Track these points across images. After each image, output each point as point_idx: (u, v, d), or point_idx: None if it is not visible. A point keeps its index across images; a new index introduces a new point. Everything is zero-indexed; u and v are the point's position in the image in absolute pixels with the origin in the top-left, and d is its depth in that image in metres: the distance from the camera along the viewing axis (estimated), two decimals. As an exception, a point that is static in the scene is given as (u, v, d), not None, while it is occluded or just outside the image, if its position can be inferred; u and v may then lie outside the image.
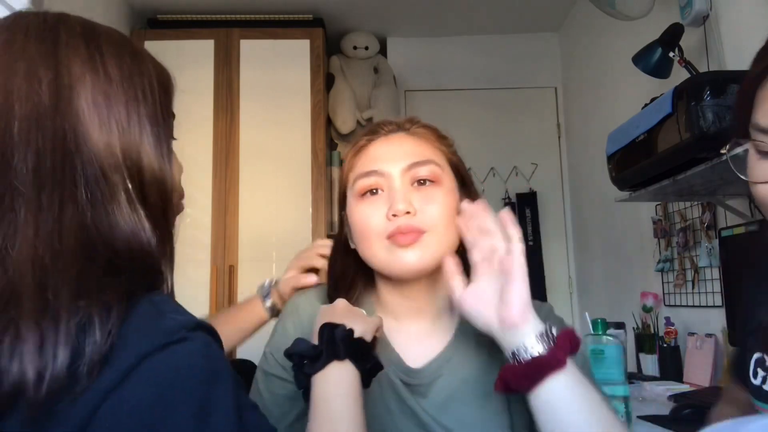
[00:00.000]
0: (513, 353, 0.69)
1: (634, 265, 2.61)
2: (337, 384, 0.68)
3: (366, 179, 0.81)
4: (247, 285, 2.89)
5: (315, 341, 0.72)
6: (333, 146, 3.28)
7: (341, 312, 0.76)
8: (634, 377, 2.08)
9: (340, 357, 0.69)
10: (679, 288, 2.23)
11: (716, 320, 1.97)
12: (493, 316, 0.71)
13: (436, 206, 0.79)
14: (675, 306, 2.27)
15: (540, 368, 0.67)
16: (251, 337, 1.14)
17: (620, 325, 2.13)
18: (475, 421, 0.79)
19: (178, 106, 0.69)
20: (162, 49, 3.54)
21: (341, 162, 3.22)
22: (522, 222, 3.34)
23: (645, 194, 1.85)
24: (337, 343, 0.70)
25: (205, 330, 0.54)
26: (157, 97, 0.62)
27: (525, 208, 3.35)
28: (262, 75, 3.07)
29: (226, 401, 0.50)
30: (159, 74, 0.65)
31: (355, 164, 0.85)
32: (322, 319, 0.75)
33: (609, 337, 1.41)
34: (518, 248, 0.71)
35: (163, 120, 0.62)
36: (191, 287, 2.89)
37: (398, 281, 0.83)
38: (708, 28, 1.95)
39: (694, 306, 2.15)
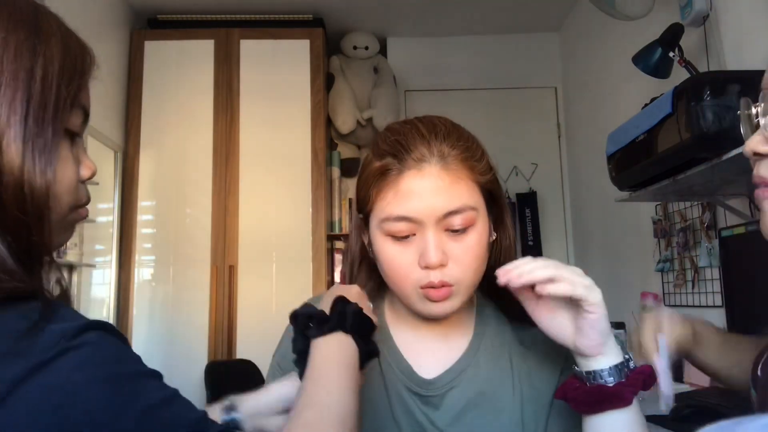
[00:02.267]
0: (584, 375, 0.68)
1: (634, 265, 2.61)
2: (337, 352, 0.68)
3: (396, 224, 0.74)
4: (247, 285, 2.89)
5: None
6: (333, 146, 3.28)
7: (355, 295, 0.75)
8: (634, 377, 2.08)
9: (346, 329, 0.69)
10: (679, 288, 2.23)
11: (716, 320, 1.97)
12: (569, 340, 0.69)
13: (469, 256, 0.75)
14: (675, 306, 2.27)
15: (603, 400, 0.66)
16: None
17: (620, 325, 2.13)
18: None
19: (178, 106, 0.66)
20: (162, 49, 3.56)
21: (341, 162, 3.23)
22: (522, 222, 3.34)
23: (645, 194, 1.85)
24: (347, 315, 0.70)
25: (95, 328, 0.49)
26: (50, 81, 0.54)
27: (525, 208, 3.35)
28: (262, 75, 3.07)
29: (133, 405, 0.47)
30: (65, 56, 0.56)
31: (382, 194, 0.76)
32: (335, 292, 0.74)
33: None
34: (587, 283, 0.67)
35: (53, 110, 0.54)
36: (191, 287, 2.89)
37: None
38: (708, 28, 1.95)
39: (694, 306, 2.15)
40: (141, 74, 3.05)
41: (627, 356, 0.69)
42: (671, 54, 1.93)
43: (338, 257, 3.32)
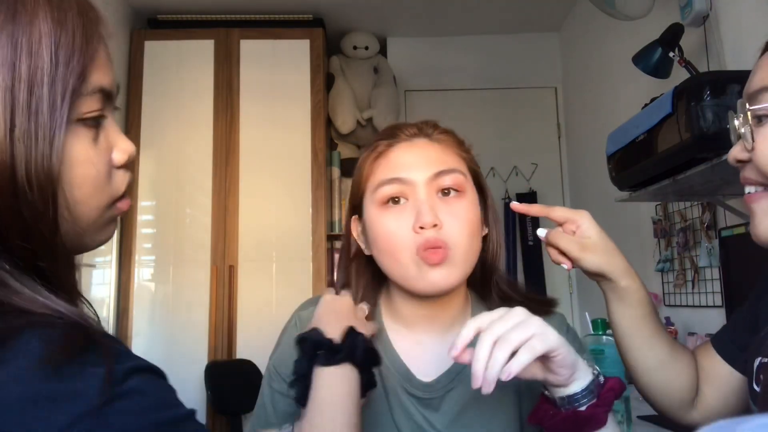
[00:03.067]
0: (557, 400, 0.67)
1: (634, 265, 2.58)
2: (345, 383, 0.69)
3: (389, 187, 0.77)
4: (247, 285, 2.89)
5: (311, 327, 0.73)
6: (333, 146, 3.28)
7: (346, 311, 0.76)
8: (634, 377, 2.08)
9: (356, 362, 0.70)
10: (679, 288, 2.23)
11: (716, 320, 1.97)
12: (539, 376, 0.67)
13: (462, 222, 0.75)
14: (675, 306, 2.27)
15: (580, 425, 0.66)
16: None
17: (620, 325, 2.13)
18: None
19: (178, 105, 0.61)
20: (162, 49, 3.56)
21: (341, 162, 3.22)
22: (522, 222, 3.34)
23: (645, 194, 1.85)
24: (357, 348, 0.70)
25: (141, 371, 0.45)
26: (40, 77, 0.45)
27: (525, 208, 3.35)
28: (262, 75, 3.07)
29: None
30: (58, 35, 0.46)
31: (374, 170, 0.80)
32: (326, 312, 0.75)
33: (609, 337, 1.41)
34: (540, 331, 0.63)
35: (49, 110, 0.45)
36: (191, 287, 2.89)
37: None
38: (708, 28, 1.95)
39: (694, 306, 2.15)
40: (141, 74, 3.05)
41: (596, 371, 0.68)
42: (671, 54, 1.93)
43: (338, 257, 3.31)
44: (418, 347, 0.83)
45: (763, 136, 0.69)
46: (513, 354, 0.61)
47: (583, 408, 0.65)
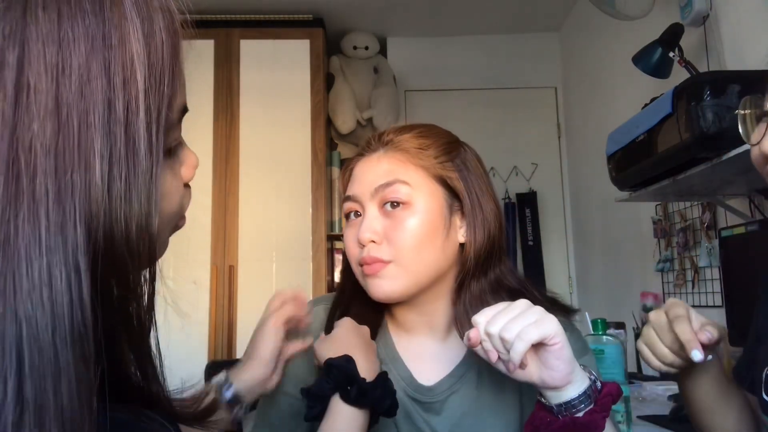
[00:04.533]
0: (554, 408, 0.66)
1: (634, 265, 2.61)
2: (362, 423, 0.70)
3: (346, 204, 0.81)
4: (247, 285, 2.89)
5: (343, 353, 0.72)
6: (333, 146, 3.28)
7: (351, 342, 0.75)
8: (634, 377, 2.08)
9: (381, 410, 0.71)
10: (679, 288, 2.23)
11: (716, 320, 1.97)
12: (534, 377, 0.66)
13: (404, 233, 0.75)
14: (675, 306, 2.27)
15: (575, 430, 0.65)
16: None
17: (620, 325, 2.13)
18: None
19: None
20: (162, 49, 3.50)
21: (341, 162, 3.23)
22: (522, 222, 3.34)
23: (645, 194, 1.85)
24: (386, 399, 0.70)
25: None
26: (136, 103, 0.36)
27: (525, 208, 3.35)
28: (262, 75, 3.07)
29: None
30: (150, 49, 0.37)
31: (344, 183, 0.85)
32: (357, 343, 0.74)
33: (609, 337, 1.41)
34: (542, 320, 0.64)
35: (147, 143, 0.37)
36: (191, 287, 2.89)
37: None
38: (708, 28, 1.95)
39: (694, 306, 2.14)
40: (141, 74, 3.05)
41: (592, 377, 0.67)
42: (671, 54, 1.93)
43: (338, 257, 3.32)
44: (420, 350, 0.83)
45: None
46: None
47: (580, 414, 0.64)
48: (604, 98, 2.90)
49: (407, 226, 0.76)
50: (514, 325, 0.63)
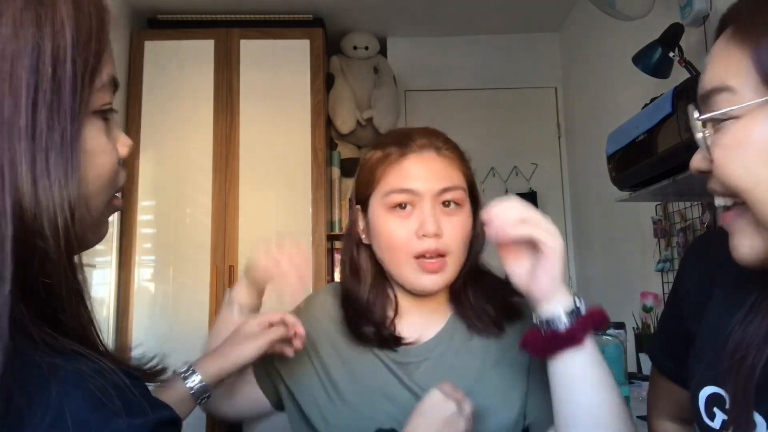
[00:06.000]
0: (539, 323, 0.74)
1: (634, 265, 2.61)
2: None
3: (399, 195, 0.86)
4: (247, 285, 2.89)
5: None
6: (333, 146, 3.28)
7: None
8: (634, 377, 2.08)
9: None
10: (679, 288, 2.23)
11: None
12: (524, 286, 0.75)
13: (457, 231, 0.86)
14: (675, 306, 2.27)
15: (556, 343, 0.72)
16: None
17: (620, 325, 2.13)
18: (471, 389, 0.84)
19: (178, 106, 0.58)
20: (162, 49, 3.56)
21: (341, 162, 3.23)
22: (522, 222, 3.34)
23: (645, 194, 1.85)
24: None
25: (164, 427, 0.43)
26: (63, 59, 0.43)
27: (525, 208, 3.35)
28: (262, 75, 3.07)
29: None
30: (78, 20, 0.44)
31: (386, 175, 0.88)
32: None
33: (609, 337, 1.41)
34: (550, 229, 0.74)
35: (71, 96, 0.43)
36: (191, 287, 2.89)
37: None
38: (708, 28, 1.95)
39: (694, 306, 2.15)
40: (141, 74, 3.05)
41: (579, 300, 0.74)
42: (671, 54, 1.93)
43: (338, 257, 3.32)
44: (409, 324, 0.93)
45: (720, 145, 0.58)
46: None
47: (561, 329, 0.71)
48: (604, 98, 2.90)
49: (461, 225, 0.87)
50: (530, 214, 0.73)
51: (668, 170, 1.63)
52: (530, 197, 3.36)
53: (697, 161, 0.64)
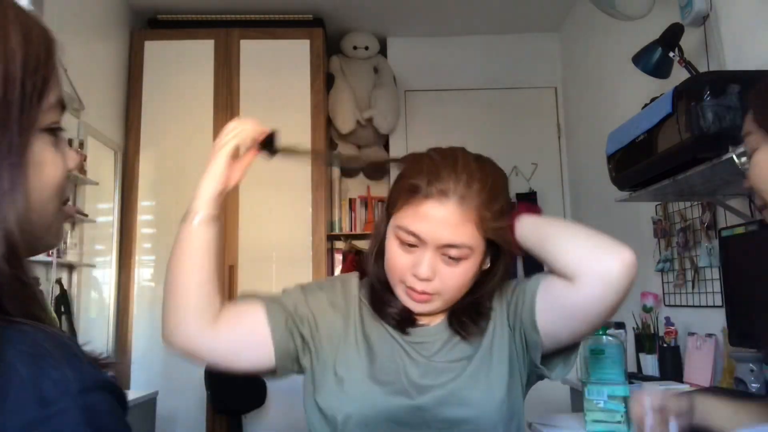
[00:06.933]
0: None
1: (634, 265, 2.60)
2: None
3: (407, 236, 0.91)
4: (247, 285, 2.89)
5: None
6: (333, 146, 3.28)
7: None
8: (634, 377, 2.08)
9: None
10: (679, 288, 2.23)
11: (716, 320, 1.97)
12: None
13: (454, 280, 0.92)
14: (675, 306, 2.27)
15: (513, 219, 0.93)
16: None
17: (620, 325, 2.13)
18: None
19: (178, 106, 0.63)
20: (162, 49, 3.56)
21: (341, 162, 3.23)
22: (522, 222, 3.34)
23: (645, 194, 1.85)
24: None
25: (100, 389, 0.45)
26: (13, 79, 0.48)
27: (525, 208, 3.35)
28: (262, 75, 3.07)
29: None
30: (26, 46, 0.50)
31: (406, 208, 0.92)
32: None
33: (609, 337, 1.41)
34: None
35: (19, 113, 0.49)
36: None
37: None
38: (708, 28, 1.95)
39: (694, 306, 2.15)
40: (141, 74, 3.05)
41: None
42: (671, 54, 1.93)
43: (338, 257, 3.31)
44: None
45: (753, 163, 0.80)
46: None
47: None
48: (604, 98, 2.90)
49: (459, 274, 0.92)
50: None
51: (668, 170, 1.63)
52: (530, 197, 3.36)
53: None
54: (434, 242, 0.90)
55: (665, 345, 2.11)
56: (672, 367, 2.06)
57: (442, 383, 0.91)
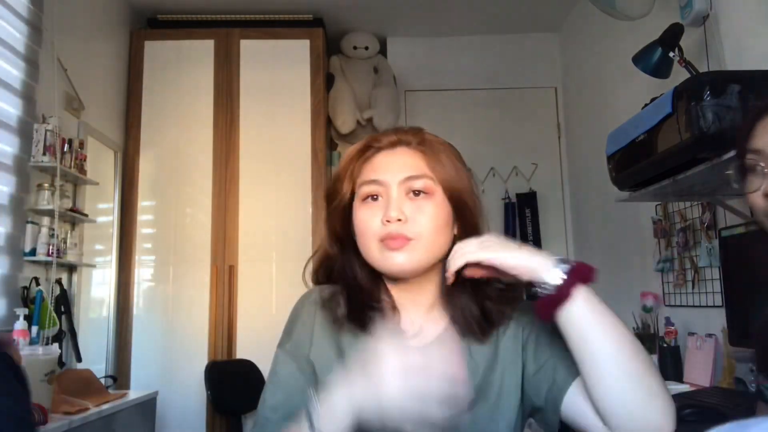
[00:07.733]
0: (539, 292, 0.81)
1: (634, 265, 2.61)
2: None
3: (368, 186, 0.91)
4: (247, 285, 2.89)
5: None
6: (333, 146, 3.28)
7: None
8: (634, 377, 2.07)
9: None
10: (679, 288, 2.23)
11: (716, 320, 1.97)
12: (513, 281, 0.84)
13: (426, 217, 0.89)
14: (675, 306, 2.27)
15: (552, 303, 0.79)
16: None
17: (620, 325, 2.13)
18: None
19: (178, 106, 0.60)
20: (162, 49, 3.57)
21: (341, 162, 3.23)
22: (522, 222, 3.34)
23: (645, 194, 1.85)
24: None
25: None
26: None
27: (525, 208, 3.35)
28: (262, 75, 3.07)
29: None
30: None
31: (361, 171, 0.94)
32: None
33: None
34: (474, 249, 0.83)
35: None
36: (191, 287, 2.89)
37: (392, 277, 0.93)
38: (708, 28, 1.95)
39: (694, 306, 2.15)
40: (141, 74, 3.05)
41: (562, 262, 0.80)
42: (671, 54, 1.93)
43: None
44: (407, 321, 0.94)
45: None
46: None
47: (552, 291, 0.79)
48: (604, 98, 2.90)
49: (429, 210, 0.89)
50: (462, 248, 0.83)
51: (668, 170, 1.63)
52: (530, 197, 3.36)
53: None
54: (395, 179, 0.90)
55: (665, 345, 2.11)
56: (672, 367, 2.06)
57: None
